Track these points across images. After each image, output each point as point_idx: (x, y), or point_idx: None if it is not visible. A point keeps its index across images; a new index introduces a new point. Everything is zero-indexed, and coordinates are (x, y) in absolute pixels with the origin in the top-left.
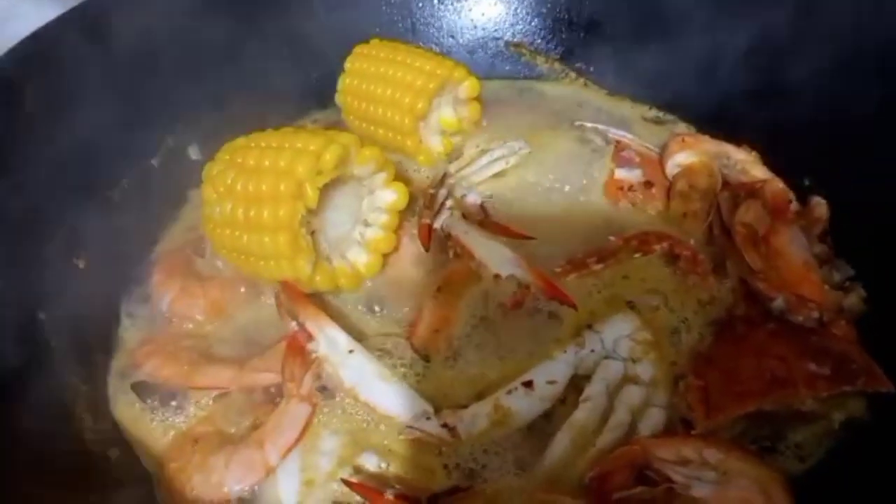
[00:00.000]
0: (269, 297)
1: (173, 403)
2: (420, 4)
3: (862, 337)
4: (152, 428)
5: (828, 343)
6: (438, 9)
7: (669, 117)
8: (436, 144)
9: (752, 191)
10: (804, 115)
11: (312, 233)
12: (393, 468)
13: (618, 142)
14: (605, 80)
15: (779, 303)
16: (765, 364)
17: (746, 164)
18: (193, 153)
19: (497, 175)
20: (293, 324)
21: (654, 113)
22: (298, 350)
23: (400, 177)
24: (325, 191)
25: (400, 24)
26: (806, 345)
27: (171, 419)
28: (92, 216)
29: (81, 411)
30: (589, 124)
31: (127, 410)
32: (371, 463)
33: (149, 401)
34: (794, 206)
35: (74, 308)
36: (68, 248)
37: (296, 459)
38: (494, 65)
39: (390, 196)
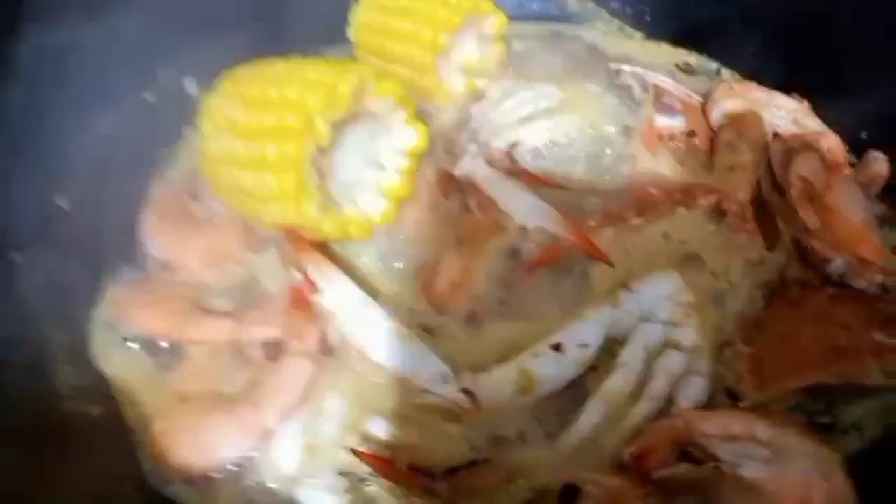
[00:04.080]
0: (271, 243)
1: (163, 357)
2: None
3: None
4: (140, 383)
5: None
6: None
7: (712, 65)
8: (457, 84)
9: (805, 143)
10: (859, 68)
11: (321, 174)
12: (405, 436)
13: (658, 87)
14: (641, 22)
15: (838, 264)
16: (826, 332)
17: (798, 114)
18: (190, 87)
19: (524, 120)
20: (297, 273)
21: (694, 59)
22: (302, 302)
23: (420, 116)
24: (338, 127)
25: None
26: (871, 312)
27: (160, 374)
28: (77, 152)
29: (60, 364)
30: (627, 68)
31: (112, 364)
32: (381, 429)
33: (137, 354)
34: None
35: (56, 252)
36: (50, 186)
37: (297, 423)
38: (522, 4)
39: (410, 136)
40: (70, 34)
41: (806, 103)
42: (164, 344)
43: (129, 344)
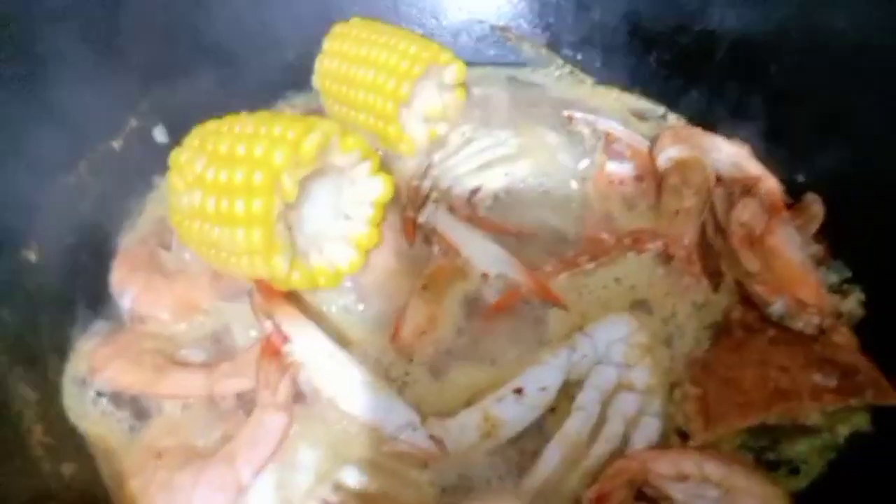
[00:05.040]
0: (241, 294)
1: (137, 412)
2: None
3: (860, 343)
4: (114, 439)
5: (832, 353)
6: None
7: (659, 110)
8: (419, 132)
9: (746, 187)
10: (798, 111)
11: (289, 227)
12: (376, 484)
13: (608, 134)
14: (592, 68)
15: (778, 307)
16: (768, 374)
17: (739, 158)
18: (159, 136)
19: (483, 166)
20: (268, 324)
21: (643, 104)
22: (274, 353)
23: (383, 167)
24: (304, 182)
25: (381, 3)
26: (810, 354)
27: (134, 429)
28: (45, 202)
29: (30, 422)
30: (578, 115)
31: (85, 420)
32: (352, 478)
33: (110, 409)
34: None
35: (24, 305)
36: (17, 238)
37: (271, 476)
38: (479, 49)
39: (375, 187)
40: (40, 82)
41: (747, 147)
42: (137, 399)
43: (102, 399)
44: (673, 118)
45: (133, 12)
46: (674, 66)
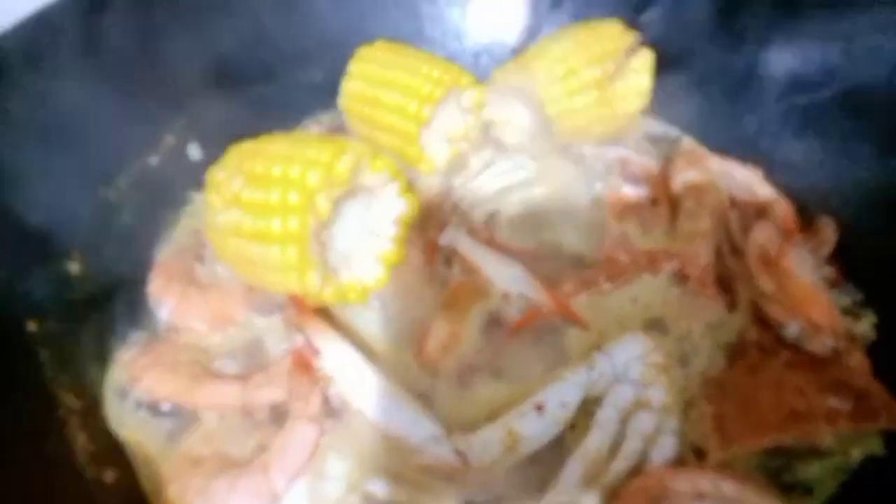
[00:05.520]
0: (273, 307)
1: (175, 420)
2: (428, 6)
3: (873, 366)
4: (153, 447)
5: (847, 376)
6: (445, 11)
7: (673, 132)
8: (439, 153)
9: (760, 210)
10: (811, 140)
11: (322, 245)
12: (402, 495)
13: (623, 158)
14: None
15: (793, 329)
16: (783, 396)
17: (752, 182)
18: (194, 152)
19: (502, 190)
20: (299, 338)
21: (658, 127)
22: (305, 366)
23: (409, 187)
24: (336, 202)
25: (407, 25)
26: (825, 378)
27: (172, 437)
28: (87, 216)
29: (75, 430)
30: (587, 151)
31: (126, 428)
32: (380, 489)
33: (149, 417)
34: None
35: (67, 316)
36: (60, 251)
37: (302, 486)
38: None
39: (401, 207)
40: (84, 101)
41: (759, 172)
42: (174, 407)
43: (141, 407)
44: (687, 141)
45: (171, 38)
46: (689, 90)
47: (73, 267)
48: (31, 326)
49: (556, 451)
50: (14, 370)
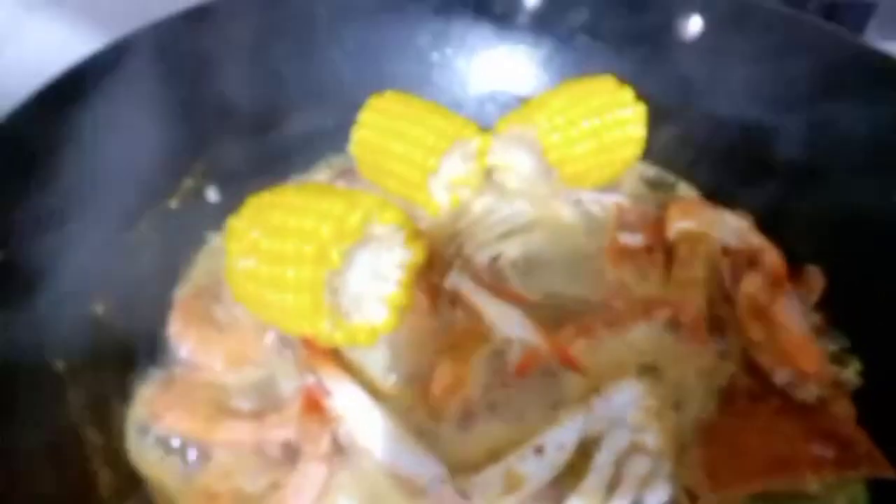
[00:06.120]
0: (286, 348)
1: (193, 457)
2: (436, 55)
3: (858, 412)
4: (172, 483)
5: (832, 424)
6: (453, 60)
7: (670, 178)
8: (443, 198)
9: (751, 259)
10: (800, 190)
11: (333, 292)
12: None
13: (619, 206)
14: None
15: (781, 377)
16: (772, 442)
17: (742, 231)
18: (212, 195)
19: (503, 235)
20: (311, 378)
21: (653, 172)
22: (315, 406)
23: (416, 235)
24: (347, 252)
25: (416, 73)
26: (811, 425)
27: (190, 474)
28: (111, 258)
29: (98, 466)
30: (585, 197)
31: (146, 463)
32: None
33: (168, 453)
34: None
35: (92, 355)
36: (87, 294)
37: None
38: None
39: (408, 253)
40: (108, 147)
41: (749, 220)
42: (191, 444)
43: (161, 444)
44: (684, 187)
45: (192, 86)
46: (685, 139)
47: (98, 308)
48: (59, 366)
49: (553, 492)
50: (43, 407)
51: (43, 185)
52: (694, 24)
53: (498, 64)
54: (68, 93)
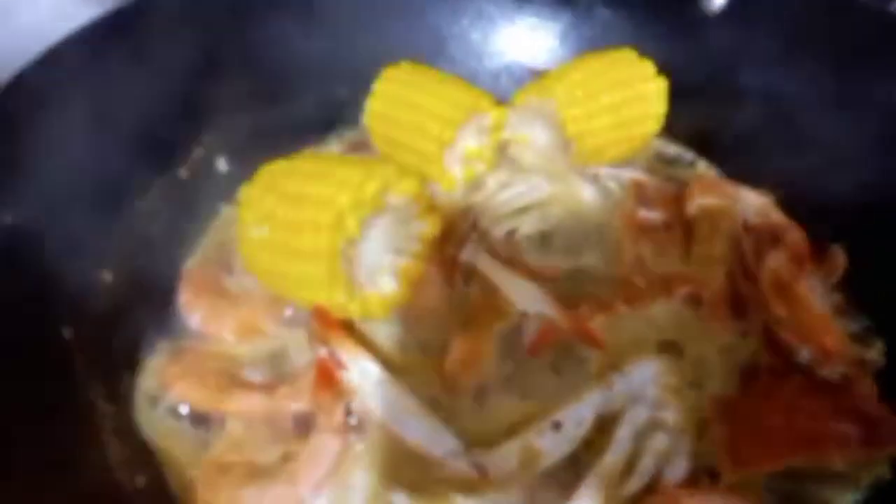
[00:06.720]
0: (298, 319)
1: (204, 427)
2: (452, 26)
3: (881, 392)
4: (183, 453)
5: (857, 403)
6: (468, 32)
7: (688, 155)
8: (458, 172)
9: (773, 236)
10: (823, 166)
11: (348, 262)
12: None
13: (637, 182)
14: None
15: (804, 354)
16: (795, 420)
17: (764, 208)
18: (222, 165)
19: (519, 210)
20: (323, 351)
21: (672, 149)
22: (329, 378)
23: (431, 207)
24: (364, 221)
25: (429, 45)
26: (836, 403)
27: (201, 443)
28: (119, 228)
29: (108, 436)
30: (604, 171)
31: (156, 433)
32: (402, 501)
33: (179, 423)
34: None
35: (100, 324)
36: (95, 262)
37: (326, 498)
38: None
39: (424, 226)
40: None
41: (771, 198)
42: (202, 415)
43: (171, 414)
44: (702, 165)
45: (203, 56)
46: (706, 115)
47: (106, 276)
48: (67, 333)
49: (571, 468)
50: (51, 375)
51: (51, 148)
52: None
53: (514, 36)
54: (80, 52)
